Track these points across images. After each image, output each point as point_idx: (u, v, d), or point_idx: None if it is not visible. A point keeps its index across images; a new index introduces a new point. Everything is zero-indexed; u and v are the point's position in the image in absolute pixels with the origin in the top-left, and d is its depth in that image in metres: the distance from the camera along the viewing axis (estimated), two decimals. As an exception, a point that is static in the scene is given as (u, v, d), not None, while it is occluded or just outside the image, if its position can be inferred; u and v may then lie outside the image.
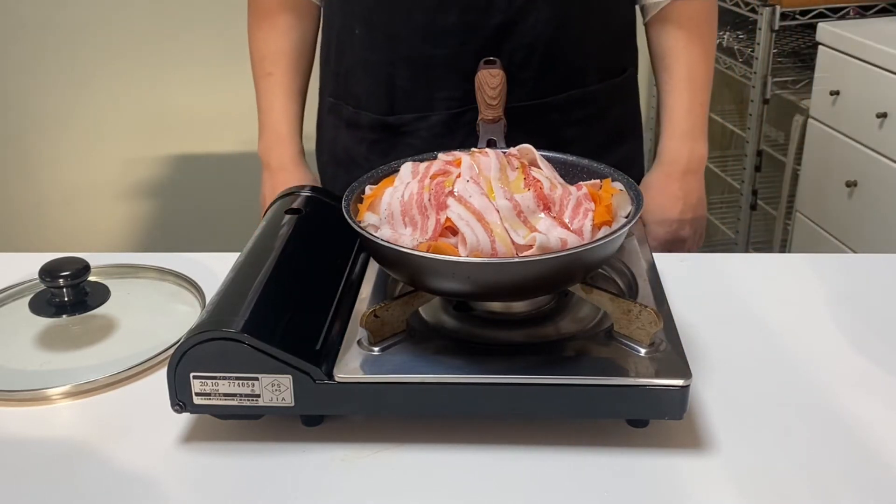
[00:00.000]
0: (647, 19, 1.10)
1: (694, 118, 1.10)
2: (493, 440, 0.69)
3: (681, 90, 1.09)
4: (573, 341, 0.71)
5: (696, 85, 1.09)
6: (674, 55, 1.09)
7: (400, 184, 0.74)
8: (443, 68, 1.00)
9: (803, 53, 2.26)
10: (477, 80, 0.76)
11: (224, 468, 0.67)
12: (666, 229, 1.12)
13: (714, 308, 0.87)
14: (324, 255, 0.81)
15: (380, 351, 0.69)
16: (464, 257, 0.66)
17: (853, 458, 0.67)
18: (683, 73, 1.09)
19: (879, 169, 1.87)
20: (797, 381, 0.76)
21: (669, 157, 1.11)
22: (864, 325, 0.84)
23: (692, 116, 1.09)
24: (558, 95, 1.03)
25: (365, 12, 1.03)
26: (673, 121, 1.10)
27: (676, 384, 0.65)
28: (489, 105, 0.75)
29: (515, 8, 0.98)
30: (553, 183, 0.73)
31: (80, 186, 2.47)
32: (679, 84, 1.09)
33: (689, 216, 1.12)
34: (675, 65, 1.09)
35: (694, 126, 1.10)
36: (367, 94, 1.06)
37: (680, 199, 1.11)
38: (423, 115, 1.03)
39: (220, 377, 0.66)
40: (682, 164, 1.10)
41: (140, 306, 0.89)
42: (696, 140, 1.10)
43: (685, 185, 1.11)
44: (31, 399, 0.75)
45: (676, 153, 1.10)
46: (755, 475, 0.65)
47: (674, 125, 1.10)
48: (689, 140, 1.10)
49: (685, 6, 1.07)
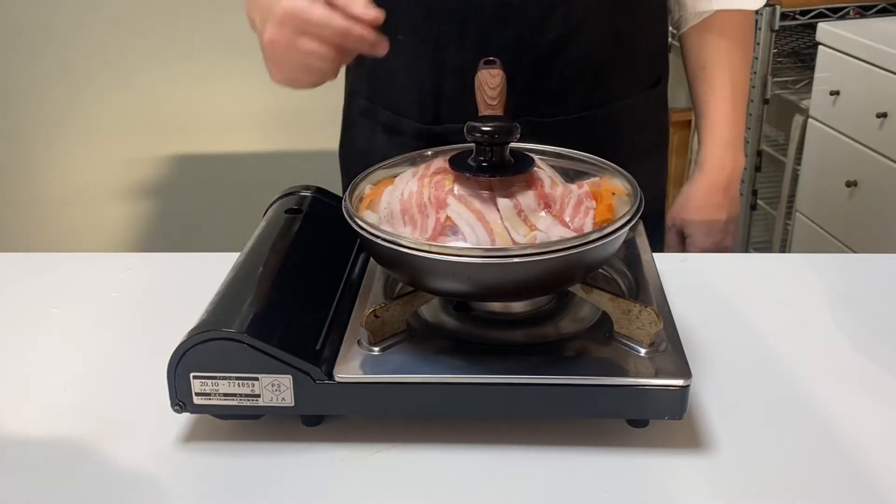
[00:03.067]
0: (686, 29, 1.10)
1: (738, 128, 1.09)
2: (493, 440, 0.69)
3: (725, 99, 1.08)
4: (573, 341, 0.71)
5: (738, 94, 1.09)
6: (717, 64, 1.08)
7: (400, 182, 0.74)
8: None
9: (803, 53, 2.26)
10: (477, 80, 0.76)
11: (224, 468, 0.67)
12: (712, 240, 1.11)
13: (714, 308, 0.87)
14: (324, 255, 0.81)
15: (380, 351, 0.69)
16: (464, 257, 0.66)
17: (853, 458, 0.67)
18: (727, 83, 1.08)
19: (879, 169, 1.87)
20: (797, 381, 0.76)
21: (714, 166, 1.10)
22: (864, 325, 0.84)
23: (736, 126, 1.09)
24: (604, 108, 1.04)
25: (411, 21, 1.01)
26: (717, 130, 1.09)
27: (676, 384, 0.65)
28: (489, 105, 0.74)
29: (570, 23, 0.98)
30: (554, 181, 0.73)
31: (80, 186, 2.47)
32: (723, 93, 1.08)
33: (732, 224, 1.12)
34: (718, 74, 1.08)
35: (737, 136, 1.10)
36: (410, 101, 1.05)
37: (725, 208, 1.10)
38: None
39: (220, 377, 0.66)
40: (726, 174, 1.09)
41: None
42: (738, 149, 1.10)
43: (729, 194, 1.10)
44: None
45: (721, 162, 1.09)
46: (755, 475, 0.65)
47: (718, 134, 1.09)
48: (733, 149, 1.09)
49: (728, 16, 1.07)
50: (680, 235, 1.14)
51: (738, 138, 1.10)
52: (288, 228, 0.82)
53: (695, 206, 1.11)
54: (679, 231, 1.14)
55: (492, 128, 0.70)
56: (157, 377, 0.68)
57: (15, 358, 0.82)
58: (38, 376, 0.79)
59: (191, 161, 2.46)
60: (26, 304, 0.91)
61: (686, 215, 1.12)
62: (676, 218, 1.13)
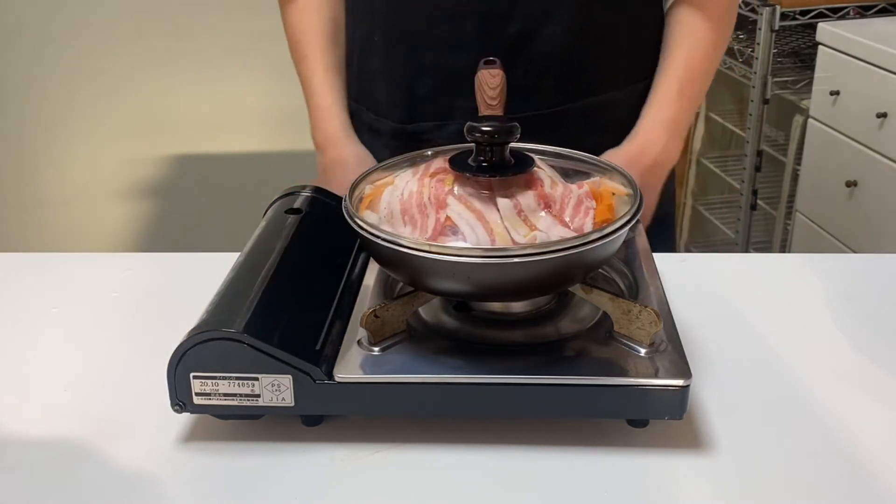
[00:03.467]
0: (668, 6, 1.05)
1: (679, 110, 1.02)
2: (493, 440, 0.69)
3: (674, 78, 1.02)
4: (573, 341, 0.71)
5: (690, 75, 1.02)
6: (677, 42, 1.02)
7: (400, 183, 0.74)
8: (463, 77, 0.98)
9: (803, 53, 2.26)
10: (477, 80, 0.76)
11: (224, 468, 0.67)
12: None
13: (714, 308, 0.87)
14: (324, 255, 0.81)
15: (380, 351, 0.69)
16: (464, 257, 0.66)
17: (853, 458, 0.67)
18: (680, 62, 1.02)
19: (879, 169, 1.87)
20: (797, 381, 0.76)
21: (643, 140, 1.02)
22: (864, 325, 0.84)
23: (677, 107, 1.02)
24: (577, 103, 1.02)
25: (384, 21, 1.03)
26: (658, 105, 1.02)
27: (676, 384, 0.65)
28: (489, 105, 0.75)
29: (535, 17, 0.97)
30: (554, 181, 0.73)
31: (80, 186, 2.47)
32: (674, 72, 1.02)
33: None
34: (675, 51, 1.02)
35: (678, 118, 1.02)
36: (388, 101, 1.06)
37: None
38: (443, 123, 1.03)
39: (220, 377, 0.66)
40: (653, 153, 1.02)
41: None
42: (675, 134, 1.02)
43: (647, 177, 1.01)
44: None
45: (650, 138, 1.01)
46: (755, 475, 0.65)
47: (658, 109, 1.02)
48: (667, 131, 1.02)
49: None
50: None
51: (677, 123, 1.02)
52: (288, 228, 0.82)
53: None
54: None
55: (492, 128, 0.70)
56: (157, 377, 0.68)
57: (15, 358, 0.82)
58: (38, 376, 0.79)
59: (191, 161, 2.46)
60: (26, 304, 0.91)
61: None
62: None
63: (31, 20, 2.29)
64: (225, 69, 2.32)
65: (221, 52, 2.30)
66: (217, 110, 2.39)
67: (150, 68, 2.34)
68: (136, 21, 2.29)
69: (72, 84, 2.35)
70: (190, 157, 2.46)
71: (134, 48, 2.32)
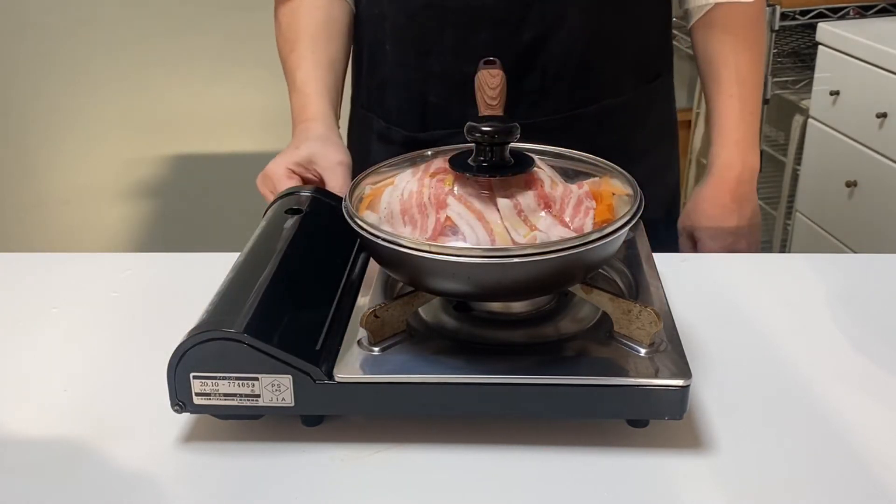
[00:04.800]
0: (692, 24, 1.07)
1: (746, 126, 1.06)
2: (493, 440, 0.69)
3: (731, 97, 1.05)
4: (573, 341, 0.71)
5: (746, 91, 1.05)
6: (721, 61, 1.05)
7: (400, 183, 0.74)
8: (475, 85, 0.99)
9: (803, 53, 2.26)
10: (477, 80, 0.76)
11: (224, 468, 0.67)
12: (720, 243, 1.08)
13: (714, 308, 0.87)
14: (324, 255, 0.81)
15: (380, 351, 0.69)
16: (464, 257, 0.66)
17: (853, 458, 0.67)
18: (733, 80, 1.05)
19: (879, 169, 1.87)
20: (797, 381, 0.76)
21: (721, 166, 1.06)
22: (864, 325, 0.84)
23: (744, 125, 1.05)
24: (591, 106, 1.02)
25: (395, 29, 1.02)
26: (724, 129, 1.06)
27: (676, 384, 0.65)
28: (489, 105, 0.74)
29: (547, 23, 0.97)
30: (554, 181, 0.73)
31: (80, 186, 2.47)
32: (728, 91, 1.05)
33: (745, 228, 1.08)
34: (723, 71, 1.05)
35: (746, 135, 1.06)
36: (399, 110, 1.05)
37: (734, 211, 1.07)
38: (456, 131, 1.02)
39: (220, 377, 0.66)
40: (734, 174, 1.06)
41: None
42: (749, 149, 1.06)
43: (739, 195, 1.06)
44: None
45: (728, 162, 1.06)
46: (755, 475, 0.65)
47: (725, 134, 1.06)
48: (742, 149, 1.06)
49: (731, 9, 1.03)
50: (692, 241, 1.11)
51: (748, 138, 1.06)
52: (288, 229, 0.82)
53: (702, 210, 1.08)
54: (690, 236, 1.10)
55: (492, 128, 0.70)
56: (157, 377, 0.68)
57: (15, 358, 0.82)
58: (38, 376, 0.79)
59: (191, 161, 2.46)
60: (26, 304, 0.91)
61: (694, 220, 1.09)
62: (686, 223, 1.11)
63: (31, 21, 2.29)
64: (225, 69, 2.32)
65: (221, 52, 2.30)
66: (217, 110, 2.39)
67: (150, 68, 2.34)
68: (137, 21, 2.29)
69: (72, 84, 2.35)
70: (190, 157, 2.46)
71: (134, 48, 2.32)
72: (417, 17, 1.00)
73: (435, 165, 0.75)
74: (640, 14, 1.04)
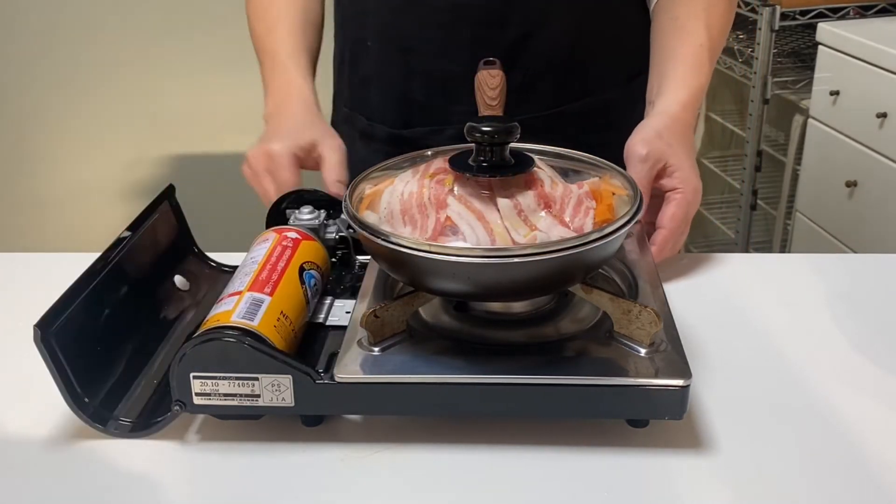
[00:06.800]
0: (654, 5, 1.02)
1: (705, 79, 0.95)
2: (494, 440, 0.69)
3: (699, 45, 0.94)
4: (573, 341, 0.71)
5: (715, 45, 0.96)
6: (692, 16, 0.95)
7: (400, 183, 0.74)
8: (458, 82, 0.97)
9: (803, 53, 2.26)
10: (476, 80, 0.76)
11: (224, 468, 0.67)
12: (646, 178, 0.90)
13: (714, 308, 0.87)
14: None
15: (380, 351, 0.69)
16: (464, 257, 0.66)
17: (853, 458, 0.67)
18: (702, 30, 0.95)
19: (879, 169, 1.87)
20: (797, 381, 0.76)
21: (671, 101, 0.93)
22: (864, 325, 0.84)
23: (703, 77, 0.94)
24: (575, 103, 1.02)
25: (378, 26, 1.02)
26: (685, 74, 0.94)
27: (676, 384, 0.65)
28: (489, 105, 0.75)
29: (531, 22, 0.97)
30: (554, 181, 0.73)
31: (80, 186, 2.47)
32: (697, 39, 0.95)
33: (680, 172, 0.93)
34: (692, 24, 0.95)
35: (703, 85, 0.95)
36: (382, 107, 1.05)
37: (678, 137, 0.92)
38: (439, 128, 1.03)
39: (220, 377, 0.66)
40: (684, 114, 0.93)
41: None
42: (701, 93, 0.95)
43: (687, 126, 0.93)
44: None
45: (682, 102, 0.93)
46: (755, 475, 0.65)
47: (682, 77, 0.94)
48: (697, 95, 0.94)
49: None
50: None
51: (703, 88, 0.95)
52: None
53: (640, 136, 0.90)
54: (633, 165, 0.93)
55: (492, 128, 0.70)
56: (157, 377, 0.68)
57: (15, 358, 0.82)
58: (38, 376, 0.79)
59: (191, 161, 2.46)
60: (26, 304, 0.91)
61: (630, 146, 0.91)
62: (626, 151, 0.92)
63: (31, 21, 2.29)
64: (226, 69, 2.32)
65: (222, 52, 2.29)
66: (217, 110, 2.39)
67: (151, 68, 2.34)
68: (137, 22, 2.29)
69: (72, 84, 2.35)
70: (190, 157, 2.46)
71: (135, 48, 2.32)
72: (401, 15, 1.00)
73: (435, 165, 0.75)
74: (623, 13, 1.04)
